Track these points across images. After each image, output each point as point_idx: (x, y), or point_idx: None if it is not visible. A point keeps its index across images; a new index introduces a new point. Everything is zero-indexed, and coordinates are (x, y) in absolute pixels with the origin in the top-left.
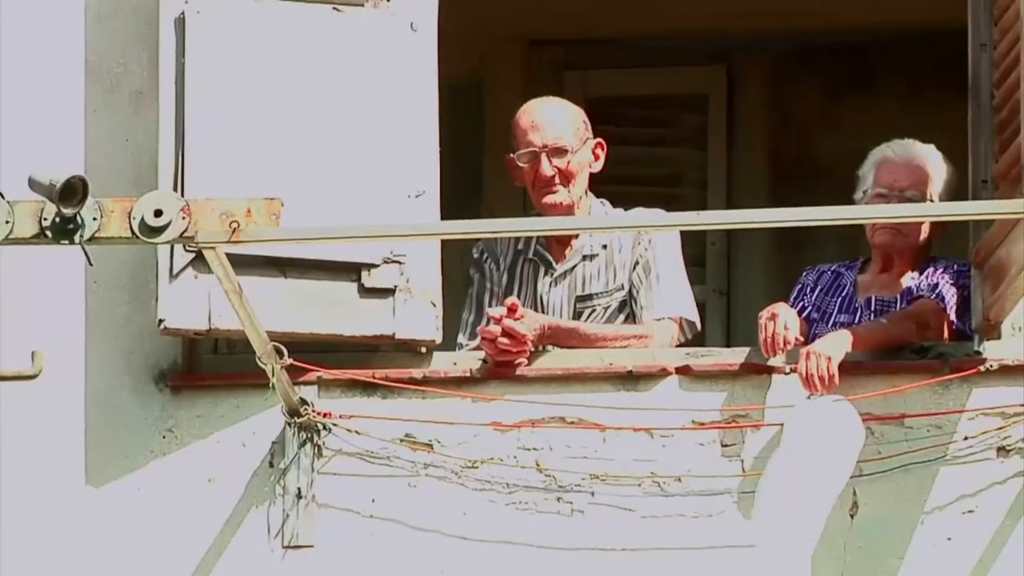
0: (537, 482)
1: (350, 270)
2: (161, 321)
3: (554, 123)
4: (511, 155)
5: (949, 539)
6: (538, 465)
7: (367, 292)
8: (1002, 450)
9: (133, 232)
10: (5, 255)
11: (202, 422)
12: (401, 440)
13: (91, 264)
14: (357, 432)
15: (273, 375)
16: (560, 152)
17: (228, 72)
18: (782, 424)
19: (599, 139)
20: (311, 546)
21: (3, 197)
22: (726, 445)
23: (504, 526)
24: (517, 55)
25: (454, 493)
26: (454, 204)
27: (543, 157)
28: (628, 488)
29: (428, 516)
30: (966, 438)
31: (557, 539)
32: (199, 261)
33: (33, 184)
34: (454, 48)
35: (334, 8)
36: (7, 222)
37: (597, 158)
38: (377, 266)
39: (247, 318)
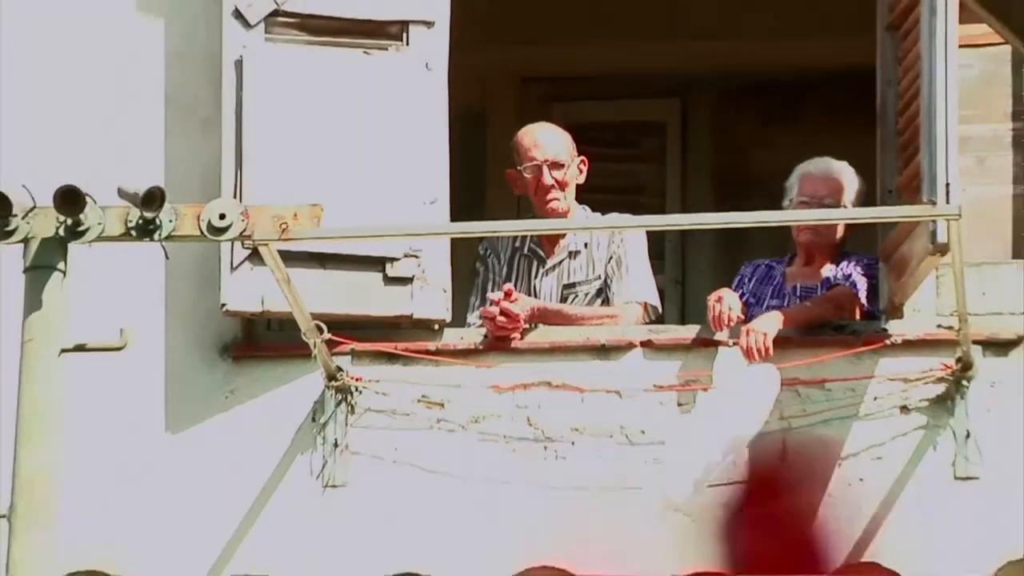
0: (528, 433)
1: (377, 263)
2: (224, 304)
3: (552, 143)
4: (515, 169)
5: (861, 480)
6: (529, 420)
7: (390, 280)
8: (904, 408)
9: (202, 232)
10: (98, 251)
11: (258, 385)
12: (418, 400)
13: (167, 258)
14: (383, 393)
15: (315, 347)
16: (558, 166)
17: (278, 102)
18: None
19: (582, 157)
20: (345, 485)
21: (96, 203)
22: (681, 404)
23: (501, 469)
24: (512, 90)
25: (461, 442)
26: (461, 210)
27: (544, 169)
28: (602, 439)
29: (440, 461)
30: (875, 398)
31: (544, 479)
32: (255, 255)
33: (121, 193)
34: (461, 84)
35: (364, 52)
36: (99, 223)
37: (581, 172)
38: (399, 259)
39: (294, 302)
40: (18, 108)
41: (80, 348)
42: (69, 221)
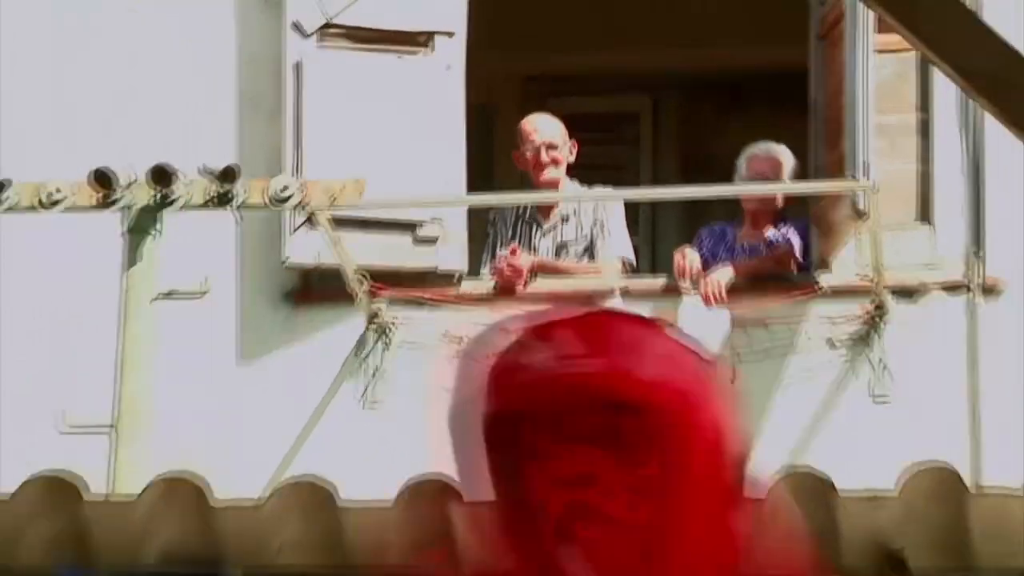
0: None
1: (408, 226)
2: (285, 259)
3: (548, 128)
4: (519, 150)
5: (797, 399)
6: None
7: (419, 240)
8: (831, 342)
9: (268, 201)
10: (183, 217)
11: (312, 324)
12: (442, 336)
13: (241, 221)
14: (415, 329)
15: (358, 294)
16: (553, 147)
17: (329, 97)
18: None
19: (573, 141)
20: (383, 404)
21: (183, 178)
22: None
23: None
24: (516, 87)
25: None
26: (475, 184)
27: (542, 149)
28: None
29: None
30: (808, 335)
31: None
32: (310, 220)
33: (203, 170)
34: (475, 83)
35: (398, 56)
36: (186, 195)
37: (572, 153)
38: (426, 223)
39: (342, 257)
40: (121, 100)
41: (169, 294)
42: (161, 192)
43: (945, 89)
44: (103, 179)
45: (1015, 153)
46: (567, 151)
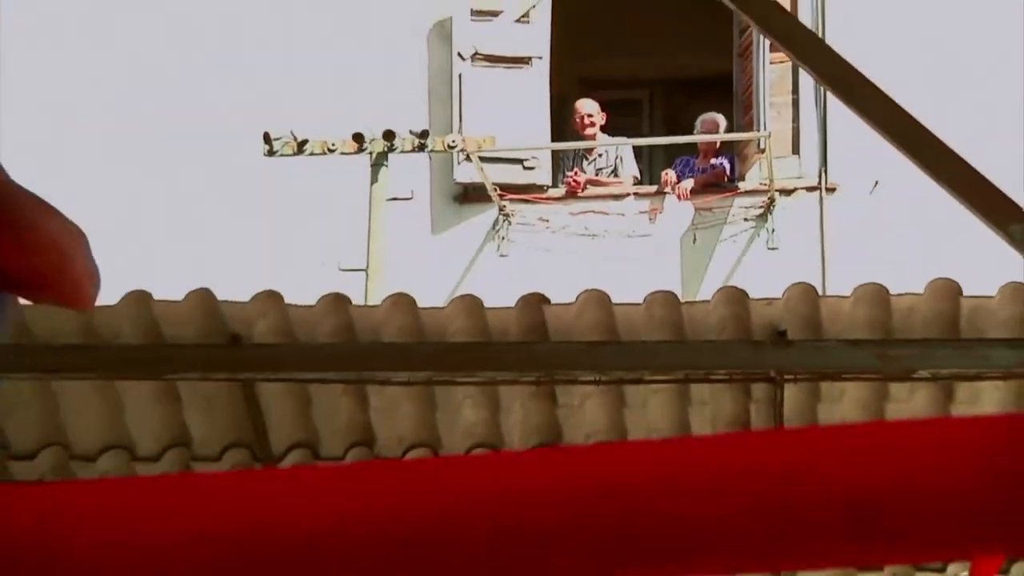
0: (584, 231)
1: (519, 160)
2: (455, 179)
3: (590, 106)
4: (574, 119)
5: (728, 250)
6: (586, 227)
7: (525, 168)
8: (746, 219)
9: (445, 148)
10: (400, 158)
11: (470, 214)
12: (538, 219)
13: (431, 159)
14: (524, 215)
15: (494, 197)
16: (591, 115)
17: (478, 93)
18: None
19: (604, 113)
20: (508, 255)
21: (400, 136)
22: (651, 220)
23: (573, 248)
24: (574, 85)
25: (557, 237)
26: (554, 138)
27: (586, 118)
28: (614, 235)
29: (548, 244)
30: (734, 214)
31: (594, 252)
32: (468, 158)
33: (411, 131)
34: (553, 83)
35: (513, 70)
36: (401, 145)
37: (603, 120)
38: (527, 159)
39: (484, 177)
40: (363, 95)
41: (394, 199)
42: (390, 143)
43: (807, 82)
44: (358, 137)
45: (845, 116)
46: (600, 119)
